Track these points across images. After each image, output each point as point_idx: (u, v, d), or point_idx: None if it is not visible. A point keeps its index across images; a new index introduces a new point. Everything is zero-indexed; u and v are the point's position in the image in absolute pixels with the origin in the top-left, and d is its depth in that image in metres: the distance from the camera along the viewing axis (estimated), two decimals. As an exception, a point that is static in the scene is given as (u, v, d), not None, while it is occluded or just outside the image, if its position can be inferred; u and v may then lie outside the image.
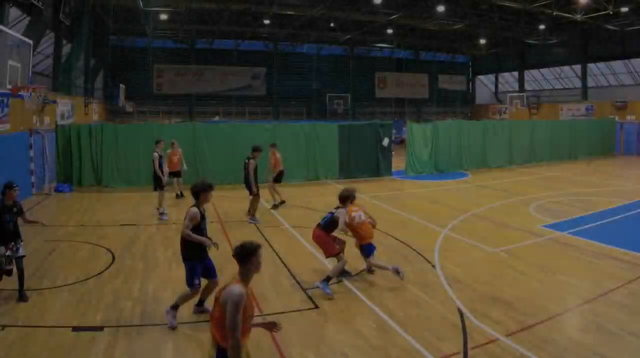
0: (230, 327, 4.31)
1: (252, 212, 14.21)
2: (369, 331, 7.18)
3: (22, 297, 8.00)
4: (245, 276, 4.57)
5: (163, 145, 15.62)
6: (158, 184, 14.98)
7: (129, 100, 38.89)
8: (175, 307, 7.34)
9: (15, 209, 8.20)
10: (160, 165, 15.09)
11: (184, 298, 7.46)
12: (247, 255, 4.60)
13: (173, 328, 7.15)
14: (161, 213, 14.73)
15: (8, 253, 7.88)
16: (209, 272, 7.61)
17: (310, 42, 48.45)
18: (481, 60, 54.15)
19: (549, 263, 10.13)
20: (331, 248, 9.13)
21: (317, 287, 8.68)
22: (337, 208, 9.25)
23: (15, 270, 7.99)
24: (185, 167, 17.75)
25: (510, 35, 42.33)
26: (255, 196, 14.08)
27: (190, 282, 7.38)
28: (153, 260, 10.61)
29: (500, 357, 6.35)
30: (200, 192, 7.47)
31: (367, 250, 9.25)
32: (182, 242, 7.46)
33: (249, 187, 14.10)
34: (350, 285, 8.93)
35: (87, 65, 33.93)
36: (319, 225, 9.29)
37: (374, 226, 9.46)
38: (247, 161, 14.04)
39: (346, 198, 9.26)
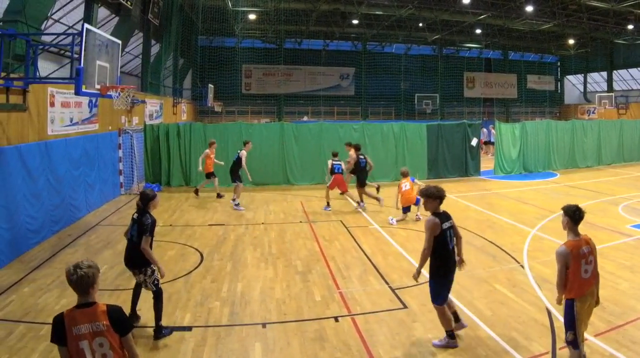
0: None
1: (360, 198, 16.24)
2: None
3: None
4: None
5: (251, 145, 17.05)
6: (237, 178, 16.41)
7: (217, 100, 39.04)
8: (452, 335, 6.84)
9: None
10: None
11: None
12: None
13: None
14: (236, 204, 16.24)
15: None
16: None
17: (399, 42, 48.51)
18: (570, 61, 52.48)
19: (638, 263, 10.13)
20: (345, 187, 16.04)
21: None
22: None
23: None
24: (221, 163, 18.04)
25: (599, 35, 41.29)
26: (360, 188, 16.10)
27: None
28: (242, 260, 10.74)
29: (589, 357, 6.32)
30: None
31: (403, 210, 14.45)
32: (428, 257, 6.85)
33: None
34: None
35: (175, 65, 34.25)
36: (333, 172, 15.76)
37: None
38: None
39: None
